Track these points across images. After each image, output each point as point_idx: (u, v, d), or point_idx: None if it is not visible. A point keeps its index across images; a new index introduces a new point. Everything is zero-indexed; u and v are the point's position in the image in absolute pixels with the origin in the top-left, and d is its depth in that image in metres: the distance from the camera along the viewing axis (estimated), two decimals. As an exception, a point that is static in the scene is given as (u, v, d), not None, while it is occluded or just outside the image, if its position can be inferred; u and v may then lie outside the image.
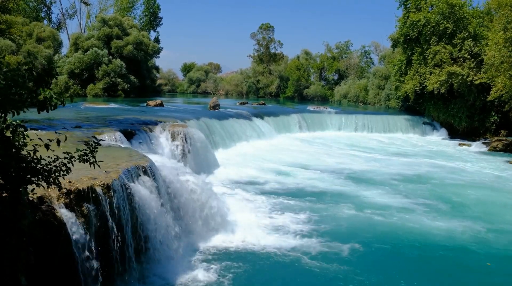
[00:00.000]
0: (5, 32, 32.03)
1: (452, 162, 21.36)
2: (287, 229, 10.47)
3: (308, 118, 31.97)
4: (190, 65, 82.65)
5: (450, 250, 9.72)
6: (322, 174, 16.99)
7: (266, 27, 70.32)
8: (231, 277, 7.92)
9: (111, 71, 46.90)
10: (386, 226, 11.09)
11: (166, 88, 75.12)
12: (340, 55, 64.94)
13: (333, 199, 13.40)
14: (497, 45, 25.52)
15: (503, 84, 25.35)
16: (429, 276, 8.52)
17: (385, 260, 9.20)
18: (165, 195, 8.88)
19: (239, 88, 72.09)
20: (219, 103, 28.69)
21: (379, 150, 24.42)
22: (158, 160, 9.78)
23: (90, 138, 6.76)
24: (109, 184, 6.97)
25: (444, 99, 31.81)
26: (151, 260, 7.86)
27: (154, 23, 70.02)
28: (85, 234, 6.22)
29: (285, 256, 8.92)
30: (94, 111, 22.09)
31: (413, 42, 32.95)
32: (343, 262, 8.74)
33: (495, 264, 9.19)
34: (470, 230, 10.98)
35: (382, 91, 46.73)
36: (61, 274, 5.86)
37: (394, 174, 17.78)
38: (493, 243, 10.20)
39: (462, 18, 30.44)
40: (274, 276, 8.20)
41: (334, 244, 9.60)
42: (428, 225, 11.28)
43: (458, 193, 14.99)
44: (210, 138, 19.30)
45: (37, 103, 4.62)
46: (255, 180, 15.40)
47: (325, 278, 8.09)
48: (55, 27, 62.76)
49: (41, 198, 5.82)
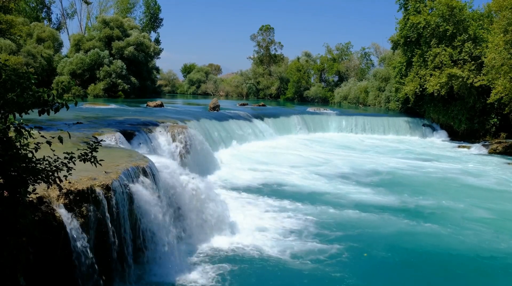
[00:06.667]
0: (6, 32, 32.07)
1: (451, 164, 21.35)
2: (287, 231, 10.46)
3: (308, 119, 31.99)
4: (190, 66, 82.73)
5: (450, 254, 9.65)
6: (322, 175, 16.98)
7: (267, 29, 70.40)
8: (230, 278, 7.92)
9: (112, 72, 47.00)
10: (384, 230, 11.06)
11: (166, 89, 75.25)
12: (340, 56, 64.97)
13: (333, 201, 13.37)
14: (497, 47, 25.55)
15: (503, 86, 25.37)
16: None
17: (389, 266, 9.17)
18: (164, 196, 8.88)
19: (239, 89, 72.17)
20: (219, 104, 28.70)
21: (378, 152, 24.41)
22: (158, 161, 9.77)
23: (91, 138, 6.77)
24: (109, 185, 6.97)
25: (444, 101, 31.83)
26: (150, 260, 7.86)
27: (154, 24, 70.18)
28: (85, 235, 6.23)
29: (284, 258, 8.91)
30: (95, 112, 22.11)
31: (413, 44, 33.00)
32: (344, 265, 8.72)
33: (497, 266, 9.11)
34: (470, 232, 10.98)
35: (382, 93, 46.75)
36: (60, 274, 5.86)
37: (393, 175, 17.78)
38: (497, 247, 10.17)
39: (462, 20, 30.47)
40: (273, 278, 8.18)
41: (334, 247, 9.57)
42: (425, 228, 11.22)
43: (456, 194, 14.98)
44: (210, 139, 19.31)
45: (40, 105, 4.63)
46: (254, 182, 15.39)
47: (324, 280, 8.08)
48: (55, 27, 62.88)
49: (40, 198, 5.83)
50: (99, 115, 19.95)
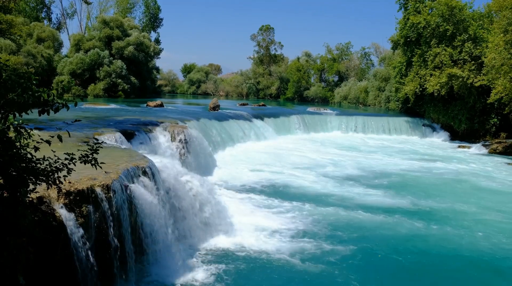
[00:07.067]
0: (6, 32, 32.09)
1: (451, 164, 21.34)
2: (286, 231, 10.44)
3: (308, 119, 32.00)
4: (190, 66, 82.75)
5: (450, 256, 9.61)
6: (322, 176, 16.97)
7: (267, 29, 70.41)
8: (230, 278, 7.92)
9: (112, 72, 47.02)
10: (383, 229, 11.04)
11: (167, 89, 75.28)
12: (340, 56, 65.00)
13: (333, 202, 13.35)
14: (497, 47, 25.55)
15: (503, 86, 25.37)
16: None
17: (386, 265, 9.17)
18: (164, 196, 8.88)
19: (239, 89, 72.20)
20: (219, 104, 28.70)
21: (377, 152, 24.39)
22: (158, 160, 9.77)
23: (91, 138, 6.77)
24: (109, 185, 6.96)
25: (444, 101, 31.83)
26: (150, 260, 7.86)
27: (154, 24, 70.20)
28: (85, 235, 6.22)
29: (284, 258, 8.90)
30: (95, 112, 22.10)
31: (413, 44, 33.01)
32: (344, 266, 8.71)
33: (500, 271, 9.06)
34: (468, 235, 10.98)
35: (382, 93, 46.75)
36: (60, 274, 5.86)
37: (393, 175, 17.77)
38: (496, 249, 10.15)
39: (462, 20, 30.48)
40: (273, 278, 8.17)
41: (334, 247, 9.57)
42: (423, 229, 11.17)
43: (465, 196, 14.87)
44: (210, 139, 19.30)
45: (40, 105, 4.62)
46: (254, 181, 15.38)
47: (323, 281, 8.08)
48: (55, 27, 62.88)
49: (40, 198, 5.82)
50: (99, 115, 19.94)
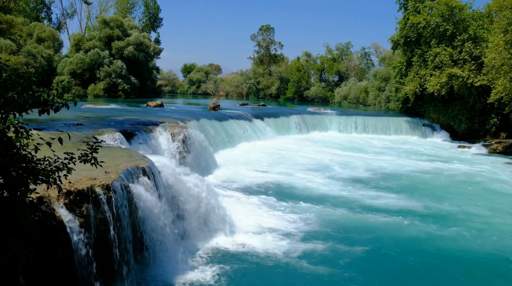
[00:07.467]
0: (6, 32, 32.09)
1: (455, 164, 21.31)
2: (286, 231, 10.42)
3: (308, 119, 32.00)
4: (190, 66, 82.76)
5: (463, 258, 9.53)
6: (322, 176, 16.97)
7: (267, 29, 70.41)
8: (230, 279, 7.91)
9: (112, 72, 47.02)
10: (396, 231, 10.96)
11: (167, 89, 75.27)
12: (340, 56, 65.02)
13: (333, 202, 13.30)
14: (497, 47, 25.55)
15: (503, 86, 25.37)
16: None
17: (387, 265, 9.16)
18: (164, 196, 8.88)
19: (240, 89, 72.20)
20: (219, 104, 28.71)
21: (377, 152, 24.39)
22: (158, 160, 9.77)
23: (91, 138, 6.76)
24: (109, 185, 6.96)
25: (444, 101, 31.83)
26: (150, 260, 7.86)
27: (154, 24, 70.20)
28: (85, 235, 6.22)
29: (284, 259, 8.88)
30: (95, 112, 22.10)
31: (413, 44, 33.01)
32: (344, 266, 8.71)
33: (498, 270, 9.04)
34: (468, 234, 10.98)
35: (382, 93, 46.75)
36: (60, 274, 5.86)
37: (392, 175, 17.77)
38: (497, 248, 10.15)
39: (462, 20, 30.47)
40: (276, 279, 8.17)
41: (334, 247, 9.57)
42: (436, 231, 11.09)
43: (475, 197, 14.79)
44: (210, 139, 19.30)
45: (40, 105, 4.62)
46: (255, 182, 15.36)
47: (330, 283, 8.07)
48: (55, 27, 62.90)
49: (40, 198, 5.82)
50: (99, 115, 19.95)
